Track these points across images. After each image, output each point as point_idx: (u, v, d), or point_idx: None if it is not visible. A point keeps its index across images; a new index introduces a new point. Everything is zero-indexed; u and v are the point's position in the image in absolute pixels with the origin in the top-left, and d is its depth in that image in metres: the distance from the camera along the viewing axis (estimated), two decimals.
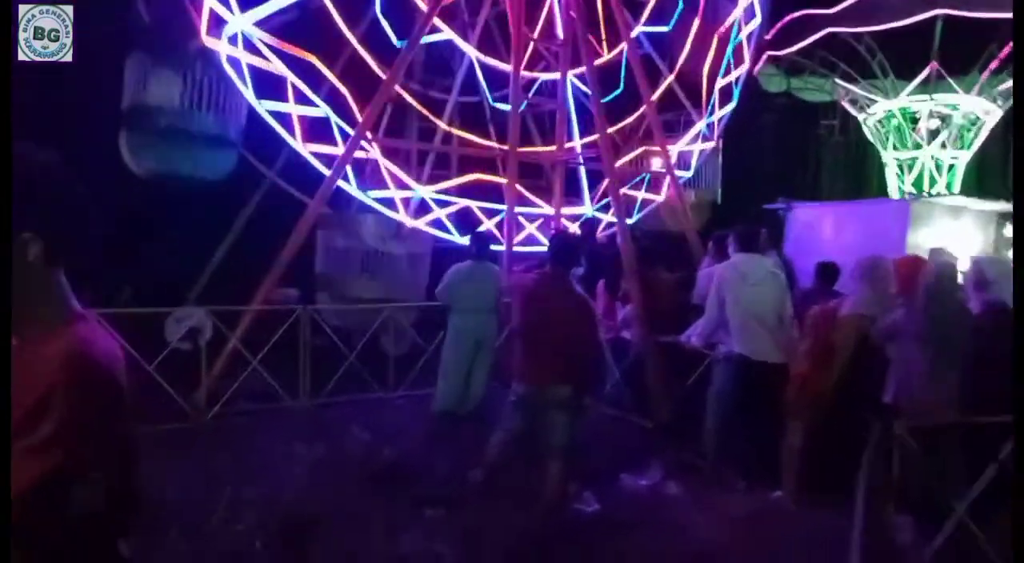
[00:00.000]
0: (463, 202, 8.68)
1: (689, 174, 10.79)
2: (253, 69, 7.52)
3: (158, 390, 5.83)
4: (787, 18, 13.87)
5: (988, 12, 11.06)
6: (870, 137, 15.35)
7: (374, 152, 7.87)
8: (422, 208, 8.26)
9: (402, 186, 8.28)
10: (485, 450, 4.74)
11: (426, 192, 8.43)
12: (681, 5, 11.49)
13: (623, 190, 8.47)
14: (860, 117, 15.19)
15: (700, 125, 10.38)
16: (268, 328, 6.41)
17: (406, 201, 8.13)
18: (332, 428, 5.83)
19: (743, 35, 12.40)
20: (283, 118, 7.63)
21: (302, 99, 7.69)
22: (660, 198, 9.63)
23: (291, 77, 7.63)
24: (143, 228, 9.62)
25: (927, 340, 4.20)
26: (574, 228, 8.64)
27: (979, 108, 13.74)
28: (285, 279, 7.45)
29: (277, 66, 7.75)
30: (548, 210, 8.68)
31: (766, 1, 12.27)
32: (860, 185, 16.47)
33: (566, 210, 9.05)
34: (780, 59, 14.48)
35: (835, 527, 4.15)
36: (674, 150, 8.97)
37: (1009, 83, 13.40)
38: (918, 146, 14.33)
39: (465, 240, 7.51)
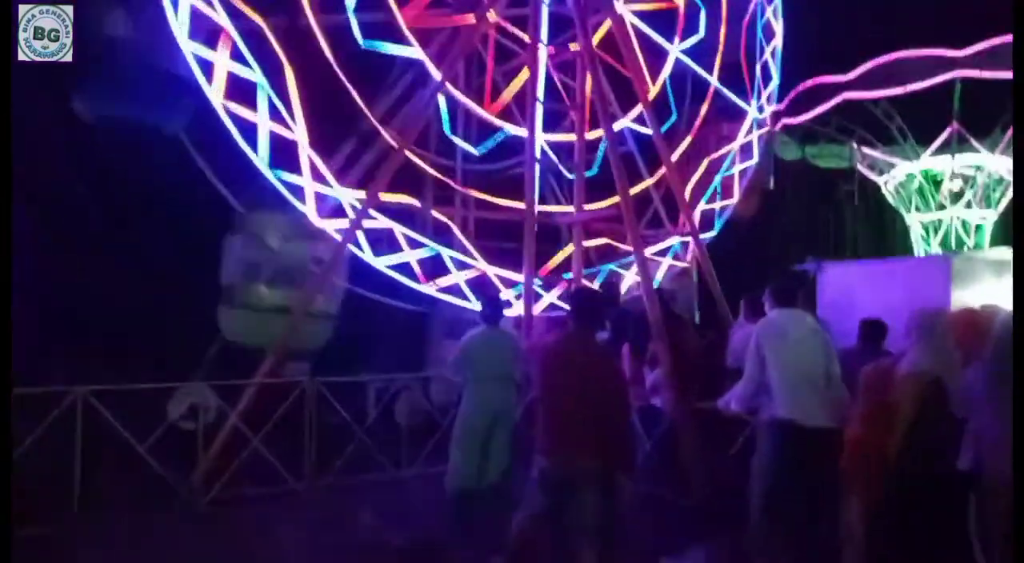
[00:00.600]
0: (482, 266, 8.38)
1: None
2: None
3: (151, 473, 5.39)
4: (801, 86, 13.81)
5: (1007, 71, 10.91)
6: (891, 201, 15.09)
7: (383, 221, 7.64)
8: (436, 269, 7.95)
9: (416, 246, 8.00)
10: (506, 533, 4.23)
11: (445, 251, 8.15)
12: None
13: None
14: (880, 180, 14.98)
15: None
16: (272, 403, 6.00)
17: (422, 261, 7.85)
18: (339, 513, 5.32)
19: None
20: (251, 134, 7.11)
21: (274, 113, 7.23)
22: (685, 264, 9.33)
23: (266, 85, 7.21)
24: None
25: (1002, 400, 3.70)
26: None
27: (1003, 167, 13.50)
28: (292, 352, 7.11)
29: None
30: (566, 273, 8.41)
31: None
32: (883, 250, 16.05)
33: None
34: (795, 127, 14.48)
35: None
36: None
37: None
38: (942, 207, 14.03)
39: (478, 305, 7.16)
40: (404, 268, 7.71)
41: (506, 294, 8.25)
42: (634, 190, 8.47)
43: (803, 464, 4.65)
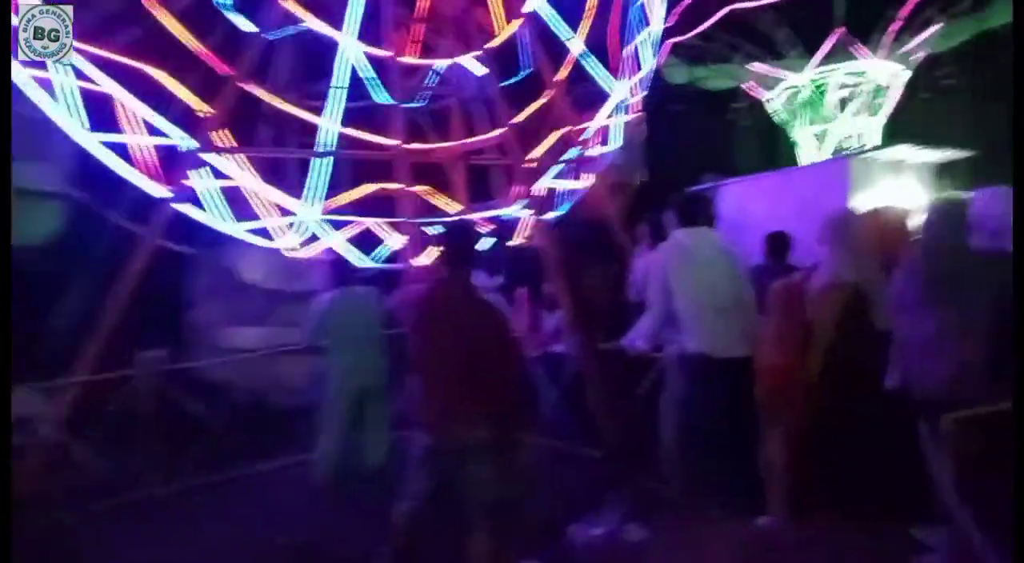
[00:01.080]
0: (364, 220, 7.30)
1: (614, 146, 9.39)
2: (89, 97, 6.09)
3: None
4: (684, 2, 13.35)
5: None
6: (780, 117, 15.07)
7: (237, 171, 6.52)
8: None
9: (285, 213, 6.92)
10: (392, 523, 3.57)
11: (312, 215, 7.00)
12: None
13: (546, 182, 7.36)
14: (767, 96, 14.90)
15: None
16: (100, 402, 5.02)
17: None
18: (193, 521, 4.51)
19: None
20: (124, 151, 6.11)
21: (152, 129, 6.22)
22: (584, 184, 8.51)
23: (128, 99, 6.15)
24: None
25: (941, 302, 3.27)
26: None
27: (888, 72, 13.61)
28: (152, 337, 6.10)
29: (113, 88, 6.27)
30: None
31: None
32: (775, 166, 16.09)
33: (482, 214, 7.80)
34: (682, 50, 14.03)
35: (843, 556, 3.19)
36: (593, 125, 7.84)
37: (915, 42, 13.34)
38: (829, 120, 14.10)
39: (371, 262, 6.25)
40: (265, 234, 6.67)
41: (392, 242, 7.34)
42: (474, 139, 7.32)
43: (717, 400, 4.20)
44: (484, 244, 6.41)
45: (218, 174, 6.33)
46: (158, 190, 5.96)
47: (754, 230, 5.98)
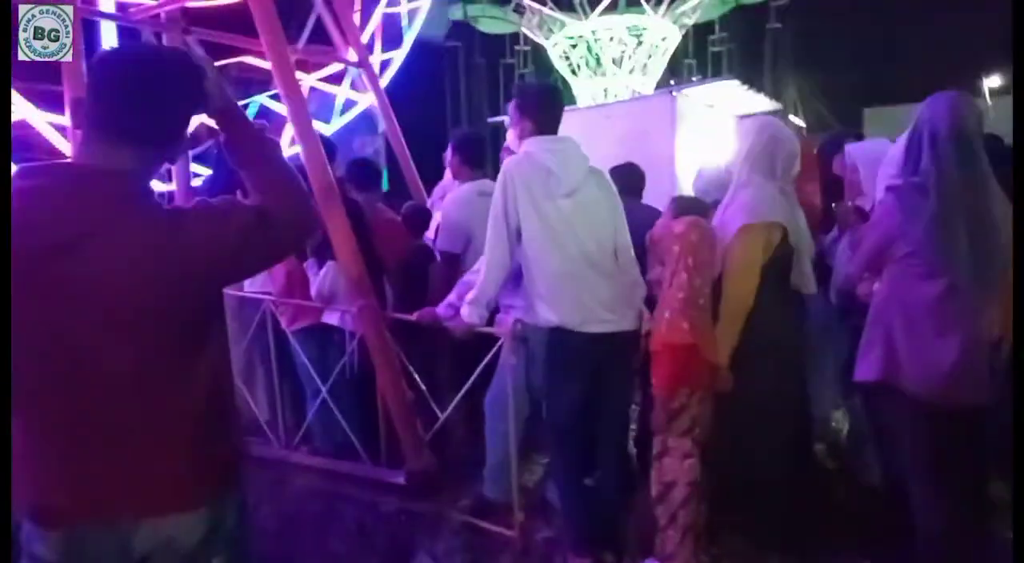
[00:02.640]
0: None
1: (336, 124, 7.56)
2: None
3: None
4: None
5: None
6: (557, 66, 14.32)
7: None
8: None
9: None
10: None
11: None
12: None
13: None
14: (548, 44, 14.03)
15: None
16: None
17: None
18: None
19: (401, 8, 8.75)
20: None
21: None
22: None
23: None
24: None
25: (955, 257, 2.12)
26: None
27: (665, 31, 13.41)
28: None
29: None
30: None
31: None
32: None
33: None
34: None
35: None
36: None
37: (689, 4, 13.28)
38: (605, 74, 13.60)
39: None
40: None
41: None
42: None
43: (584, 395, 2.80)
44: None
45: None
46: None
47: None
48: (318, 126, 5.20)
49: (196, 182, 5.31)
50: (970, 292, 2.09)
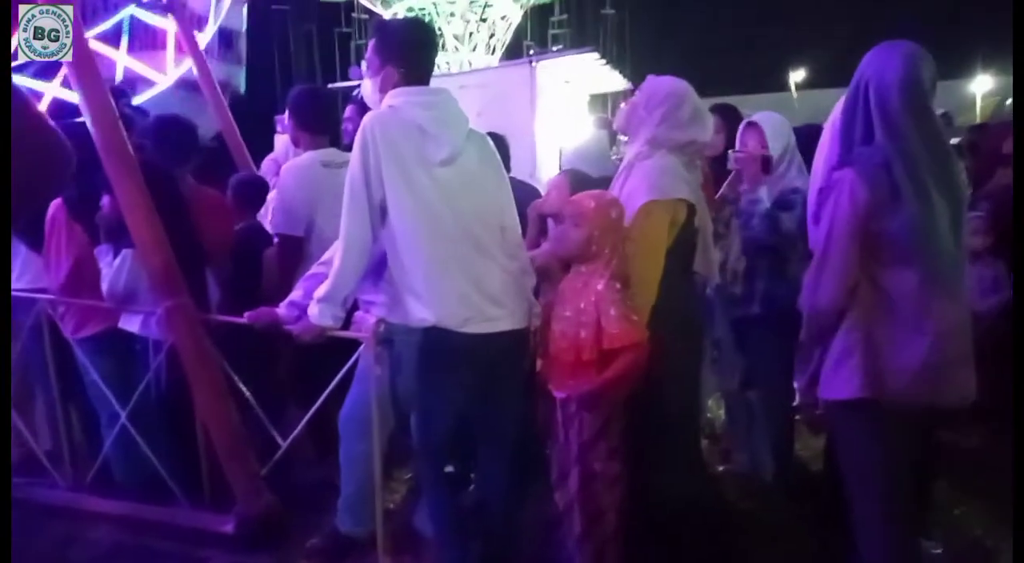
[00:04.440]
0: None
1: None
2: None
3: None
4: None
5: None
6: None
7: None
8: None
9: None
10: None
11: None
12: None
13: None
14: (387, 15, 13.14)
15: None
16: None
17: None
18: None
19: None
20: None
21: None
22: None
23: None
24: None
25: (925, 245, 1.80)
26: None
27: (506, 9, 13.04)
28: None
29: None
30: None
31: None
32: None
33: None
34: None
35: None
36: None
37: None
38: (446, 51, 12.99)
39: None
40: None
41: None
42: None
43: (461, 410, 2.30)
44: None
45: None
46: None
47: None
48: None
49: None
50: (951, 281, 1.80)
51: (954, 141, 4.60)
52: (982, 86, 22.62)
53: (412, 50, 2.26)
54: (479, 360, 2.23)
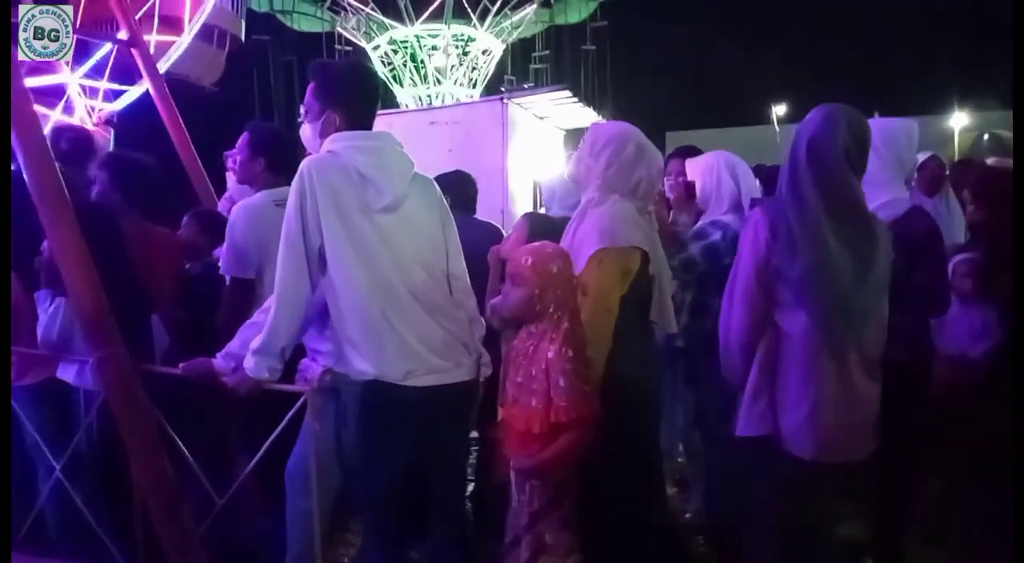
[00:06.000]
0: None
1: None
2: None
3: None
4: None
5: None
6: (380, 72, 13.54)
7: None
8: None
9: None
10: None
11: None
12: None
13: None
14: (368, 47, 13.19)
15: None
16: None
17: None
18: None
19: None
20: None
21: None
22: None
23: None
24: None
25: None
26: None
27: (488, 44, 13.12)
28: None
29: None
30: None
31: None
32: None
33: None
34: None
35: None
36: None
37: (513, 19, 13.16)
38: (435, 82, 13.03)
39: None
40: None
41: None
42: None
43: (413, 469, 2.19)
44: None
45: None
46: None
47: None
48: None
49: None
50: (849, 335, 1.81)
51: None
52: (959, 122, 23.00)
53: (354, 94, 2.20)
54: (423, 415, 2.13)
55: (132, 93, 5.31)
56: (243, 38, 10.89)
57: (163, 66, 6.25)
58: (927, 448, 2.68)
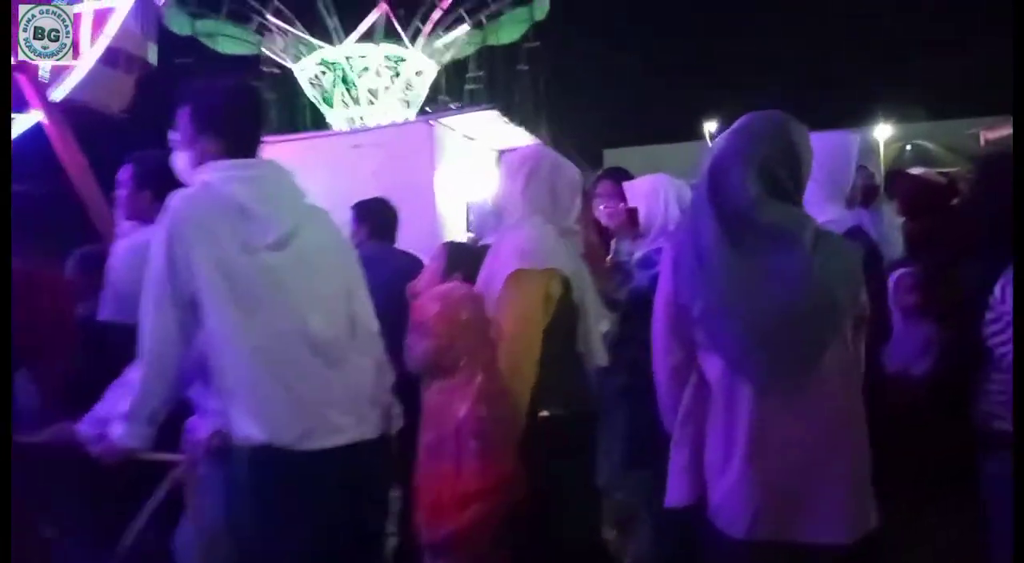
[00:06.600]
0: None
1: None
2: None
3: None
4: None
5: None
6: (308, 93, 13.14)
7: None
8: None
9: None
10: None
11: None
12: None
13: None
14: (296, 68, 12.79)
15: None
16: None
17: None
18: None
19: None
20: None
21: None
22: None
23: None
24: None
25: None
26: None
27: (421, 65, 12.90)
28: None
29: None
30: None
31: None
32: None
33: None
34: None
35: None
36: None
37: (446, 39, 13.01)
38: (368, 102, 12.70)
39: None
40: None
41: None
42: None
43: (319, 530, 1.90)
44: None
45: None
46: None
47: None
48: None
49: None
50: (776, 380, 1.48)
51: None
52: (883, 133, 23.86)
53: (233, 118, 1.93)
54: (324, 482, 1.85)
55: (21, 122, 4.86)
56: (156, 62, 10.43)
57: (60, 93, 5.80)
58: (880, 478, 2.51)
